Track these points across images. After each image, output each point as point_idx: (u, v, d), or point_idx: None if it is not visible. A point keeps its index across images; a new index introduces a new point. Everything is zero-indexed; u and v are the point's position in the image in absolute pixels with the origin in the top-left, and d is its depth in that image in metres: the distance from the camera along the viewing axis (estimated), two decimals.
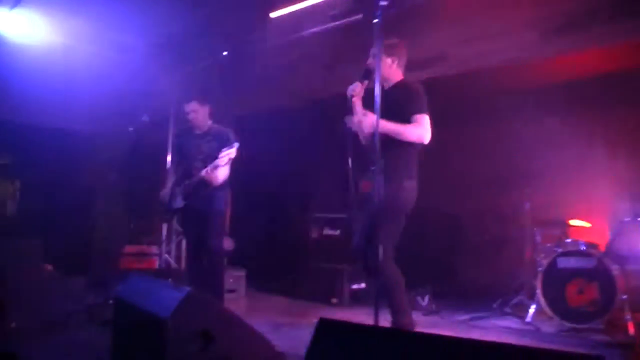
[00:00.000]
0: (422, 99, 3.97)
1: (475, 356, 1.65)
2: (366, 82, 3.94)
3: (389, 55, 4.05)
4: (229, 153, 4.48)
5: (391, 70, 4.10)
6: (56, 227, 7.45)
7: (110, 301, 4.48)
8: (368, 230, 3.91)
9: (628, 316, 4.58)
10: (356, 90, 3.94)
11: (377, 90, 3.38)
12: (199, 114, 4.97)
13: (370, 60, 3.99)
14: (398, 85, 4.10)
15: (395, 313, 3.85)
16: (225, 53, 7.46)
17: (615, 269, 4.82)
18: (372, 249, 3.68)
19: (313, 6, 6.59)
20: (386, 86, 4.08)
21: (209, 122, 5.07)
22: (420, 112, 3.91)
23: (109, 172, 7.65)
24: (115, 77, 7.29)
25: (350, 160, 4.06)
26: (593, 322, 4.70)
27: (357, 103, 4.02)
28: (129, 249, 7.15)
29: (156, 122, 6.52)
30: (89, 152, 7.76)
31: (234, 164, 4.80)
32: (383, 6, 3.39)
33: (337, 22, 6.51)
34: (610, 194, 5.76)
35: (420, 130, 3.91)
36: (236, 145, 4.53)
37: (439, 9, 6.00)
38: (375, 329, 2.41)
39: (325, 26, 6.66)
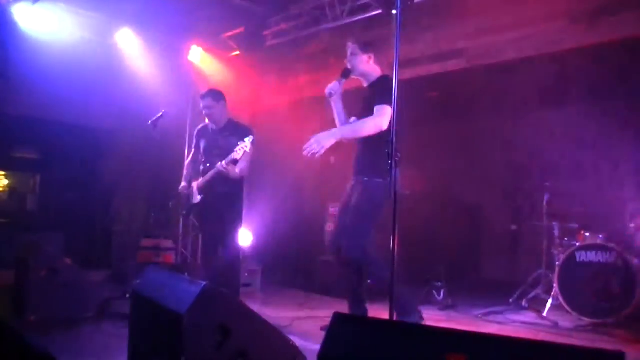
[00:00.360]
0: (387, 91, 3.79)
1: (491, 351, 1.64)
2: (344, 80, 4.02)
3: (365, 52, 4.09)
4: (244, 146, 4.49)
5: (369, 66, 4.12)
6: (76, 222, 7.55)
7: (128, 295, 4.53)
8: (344, 226, 4.03)
9: None
10: (334, 89, 4.01)
11: (395, 85, 3.34)
12: (215, 110, 4.99)
13: (346, 61, 4.08)
14: (375, 82, 4.12)
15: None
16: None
17: (636, 263, 4.75)
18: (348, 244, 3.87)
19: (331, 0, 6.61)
20: (366, 83, 4.16)
21: (227, 118, 5.08)
22: (379, 103, 3.86)
23: (129, 167, 7.72)
24: (133, 72, 7.36)
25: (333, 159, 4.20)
26: (612, 317, 4.65)
27: (336, 102, 4.12)
28: (146, 242, 7.21)
29: (174, 116, 6.56)
30: (109, 148, 7.83)
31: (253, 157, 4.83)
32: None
33: (356, 17, 6.52)
34: (630, 186, 5.68)
35: (375, 120, 3.84)
36: (251, 138, 4.54)
37: (459, 1, 5.97)
38: (389, 324, 2.40)
39: (344, 21, 6.67)
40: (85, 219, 7.84)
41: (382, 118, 3.78)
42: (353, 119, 4.19)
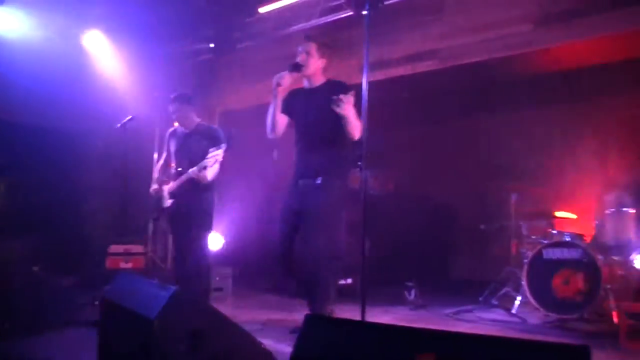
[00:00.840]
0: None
1: (461, 348, 1.66)
2: (295, 74, 3.97)
3: (322, 56, 4.07)
4: (217, 154, 4.46)
5: (319, 70, 4.10)
6: (44, 227, 7.39)
7: (97, 301, 4.46)
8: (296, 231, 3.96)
9: (612, 305, 4.64)
10: (283, 80, 3.94)
11: (365, 85, 3.34)
12: (183, 113, 4.96)
13: (301, 57, 4.02)
14: (329, 82, 4.07)
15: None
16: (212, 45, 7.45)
17: (600, 259, 4.86)
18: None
19: (301, 2, 6.62)
20: (312, 84, 4.12)
21: (197, 121, 5.05)
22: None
23: (98, 170, 7.60)
24: (103, 74, 7.26)
25: (275, 153, 4.10)
26: (578, 312, 4.74)
27: (281, 94, 4.02)
28: (115, 248, 7.11)
29: (144, 119, 6.49)
30: (78, 151, 7.70)
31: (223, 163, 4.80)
32: (371, 1, 3.37)
33: (326, 18, 6.54)
34: (595, 185, 5.82)
35: (360, 126, 3.79)
36: (224, 146, 4.52)
37: (431, 3, 6.03)
38: (361, 324, 2.41)
39: (313, 22, 6.69)
40: (53, 223, 7.68)
41: (359, 127, 3.76)
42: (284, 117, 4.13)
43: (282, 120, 4.15)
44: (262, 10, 6.91)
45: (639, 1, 4.77)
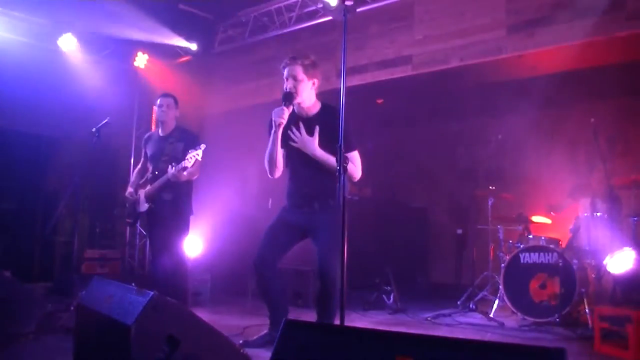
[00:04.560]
0: (352, 134, 3.61)
1: (440, 352, 1.67)
2: (291, 106, 3.62)
3: (311, 77, 3.70)
4: (196, 154, 4.45)
5: (311, 93, 3.75)
6: (16, 232, 7.27)
7: (72, 307, 4.39)
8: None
9: (587, 309, 4.71)
10: (284, 116, 3.57)
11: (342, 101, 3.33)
12: (170, 111, 4.96)
13: (289, 85, 3.66)
14: (325, 110, 3.77)
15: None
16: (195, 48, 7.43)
17: (575, 264, 4.94)
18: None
19: (279, 7, 6.64)
20: (307, 112, 3.78)
21: (174, 124, 5.04)
22: (355, 148, 3.66)
23: (72, 175, 7.49)
24: (77, 78, 7.18)
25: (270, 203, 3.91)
26: (554, 316, 4.81)
27: (280, 129, 3.63)
28: (91, 253, 7.03)
29: (119, 124, 6.43)
30: (52, 155, 7.59)
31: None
32: (348, 6, 3.34)
33: (303, 24, 6.57)
34: (570, 190, 5.90)
35: (357, 171, 3.68)
36: (203, 147, 4.50)
37: (405, 9, 6.10)
38: (340, 329, 2.41)
39: (291, 28, 6.72)
40: (26, 229, 7.55)
41: (359, 170, 3.66)
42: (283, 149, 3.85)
43: (282, 155, 3.83)
44: (241, 13, 6.92)
45: (597, 14, 4.93)
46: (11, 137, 7.22)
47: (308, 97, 3.73)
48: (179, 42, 7.43)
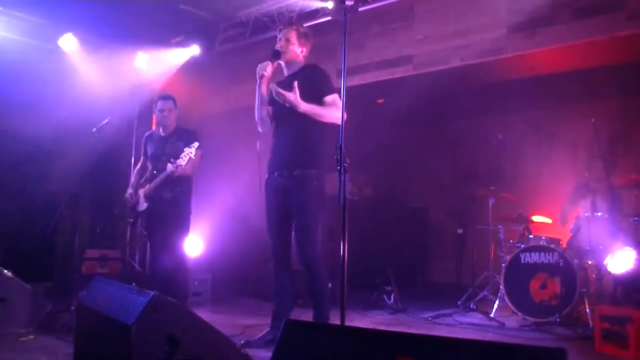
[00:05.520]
0: (330, 81, 3.96)
1: (440, 352, 1.67)
2: (276, 62, 3.93)
3: (302, 45, 4.02)
4: (190, 152, 4.47)
5: (298, 57, 4.03)
6: (18, 233, 7.26)
7: (72, 307, 4.39)
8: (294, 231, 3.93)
9: (588, 309, 4.70)
10: (267, 69, 3.87)
11: (343, 81, 3.32)
12: (172, 115, 4.97)
13: (280, 44, 3.97)
14: (305, 68, 4.04)
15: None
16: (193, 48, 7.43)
17: (576, 263, 4.93)
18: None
19: (279, 7, 6.63)
20: (288, 71, 4.06)
21: (175, 125, 5.04)
22: (330, 93, 3.86)
23: (73, 175, 7.49)
24: (78, 79, 7.17)
25: (258, 145, 4.00)
26: (554, 316, 4.79)
27: (265, 83, 3.94)
28: (92, 253, 7.02)
29: (119, 124, 6.43)
30: (52, 156, 7.58)
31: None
32: (348, 6, 3.36)
33: (304, 24, 6.55)
34: (570, 190, 5.90)
35: (336, 112, 3.72)
36: (196, 144, 4.51)
37: (405, 9, 6.09)
38: (340, 329, 2.41)
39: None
40: (26, 229, 7.54)
41: (339, 110, 3.61)
42: (269, 108, 4.06)
43: (268, 112, 4.08)
44: (242, 14, 6.91)
45: (598, 13, 4.93)
46: (12, 137, 7.21)
47: (294, 60, 4.00)
48: (179, 41, 7.44)
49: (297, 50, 4.00)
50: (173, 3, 6.61)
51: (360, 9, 6.04)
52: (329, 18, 6.28)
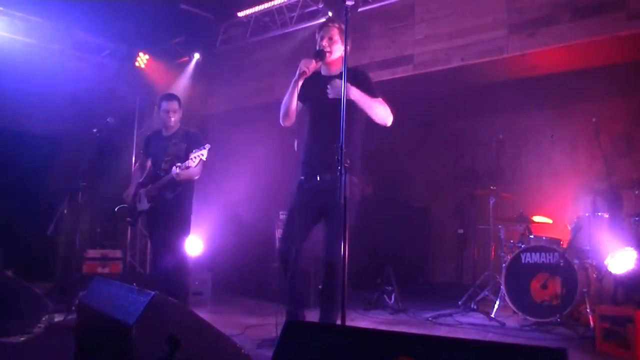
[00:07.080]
0: (376, 85, 3.87)
1: (441, 352, 1.66)
2: (320, 62, 3.75)
3: (343, 43, 3.72)
4: (201, 154, 4.43)
5: (340, 57, 3.79)
6: (18, 232, 7.26)
7: (73, 307, 4.39)
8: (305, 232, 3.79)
9: (588, 309, 4.70)
10: (310, 67, 3.69)
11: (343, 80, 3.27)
12: (176, 115, 4.95)
13: (324, 43, 3.78)
14: (351, 73, 3.74)
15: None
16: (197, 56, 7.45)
17: (576, 263, 4.93)
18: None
19: (279, 7, 6.64)
20: (327, 71, 3.90)
21: (178, 125, 5.03)
22: (378, 96, 3.77)
23: (73, 175, 7.49)
24: (79, 78, 7.17)
25: (296, 144, 3.81)
26: (555, 316, 4.79)
27: (301, 80, 3.71)
28: (92, 253, 7.02)
29: (120, 124, 6.43)
30: (53, 155, 7.58)
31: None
32: (349, 6, 3.33)
33: (304, 25, 6.56)
34: (570, 190, 5.90)
35: (386, 108, 3.72)
36: (208, 147, 4.48)
37: (406, 9, 6.09)
38: (341, 329, 2.41)
39: (292, 28, 6.71)
40: (27, 228, 7.54)
41: (388, 109, 3.63)
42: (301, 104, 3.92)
43: (297, 107, 3.90)
44: (241, 14, 6.92)
45: (598, 13, 4.93)
46: (12, 136, 7.22)
47: (337, 60, 3.81)
48: (179, 42, 7.45)
49: (340, 49, 3.77)
50: (174, 3, 6.62)
51: (360, 9, 6.05)
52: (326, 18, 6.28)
